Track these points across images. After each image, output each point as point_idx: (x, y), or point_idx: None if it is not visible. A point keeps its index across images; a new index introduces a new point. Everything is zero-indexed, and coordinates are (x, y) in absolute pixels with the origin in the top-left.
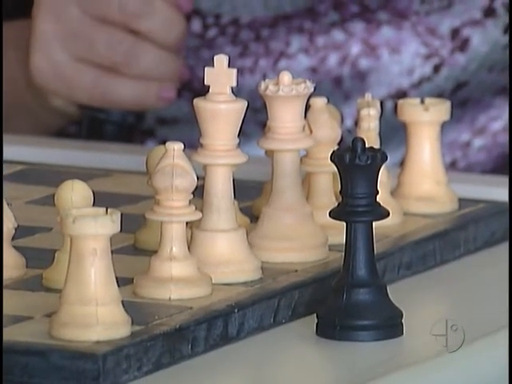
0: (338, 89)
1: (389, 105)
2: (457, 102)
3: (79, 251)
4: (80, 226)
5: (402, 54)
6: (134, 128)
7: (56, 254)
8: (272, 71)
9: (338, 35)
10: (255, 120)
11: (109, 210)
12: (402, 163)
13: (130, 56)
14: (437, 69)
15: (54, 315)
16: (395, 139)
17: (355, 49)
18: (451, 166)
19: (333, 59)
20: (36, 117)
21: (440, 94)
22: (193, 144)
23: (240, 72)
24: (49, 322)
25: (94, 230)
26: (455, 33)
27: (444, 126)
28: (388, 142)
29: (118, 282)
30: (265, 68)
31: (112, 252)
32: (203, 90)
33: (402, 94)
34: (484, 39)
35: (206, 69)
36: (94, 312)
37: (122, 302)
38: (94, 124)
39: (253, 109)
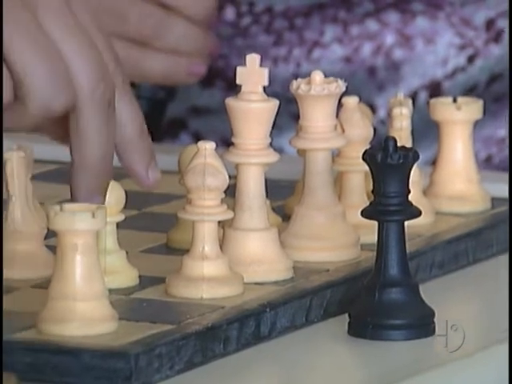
0: (372, 79)
1: (422, 96)
2: (492, 96)
3: (61, 246)
4: (59, 220)
5: (436, 45)
6: (164, 104)
7: None
8: (306, 60)
9: (372, 25)
10: (288, 111)
11: (97, 207)
12: (434, 162)
13: (159, 29)
14: (471, 59)
15: (40, 310)
16: (429, 135)
17: (389, 39)
18: (486, 162)
19: (367, 49)
20: None
21: (474, 86)
22: (225, 136)
23: (274, 61)
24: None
25: (72, 225)
26: (490, 24)
27: (480, 122)
28: (421, 139)
29: (150, 281)
30: (299, 57)
31: (143, 251)
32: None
33: (435, 85)
34: None
35: (237, 68)
36: (72, 307)
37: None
38: None
39: (286, 98)
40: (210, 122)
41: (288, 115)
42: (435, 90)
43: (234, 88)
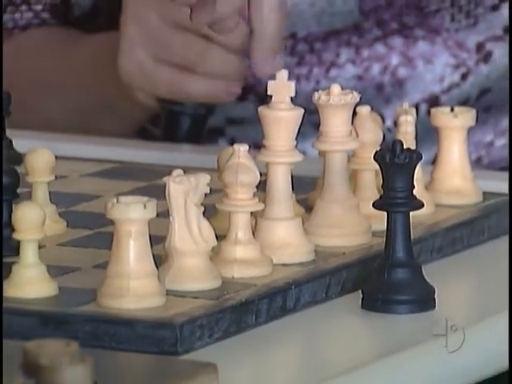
0: (380, 94)
1: (423, 107)
2: (482, 107)
3: (117, 232)
4: (115, 211)
5: (434, 65)
6: (205, 119)
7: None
8: (324, 78)
9: (380, 48)
10: (310, 121)
11: (147, 199)
12: (434, 161)
13: (201, 57)
14: (464, 77)
15: (99, 287)
16: (429, 139)
17: (395, 60)
18: (476, 162)
19: (376, 69)
20: (121, 112)
21: (467, 99)
22: (257, 141)
23: (297, 79)
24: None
25: (127, 215)
26: (480, 47)
27: (471, 129)
28: (422, 142)
29: None
30: (318, 76)
31: None
32: (267, 93)
33: (434, 99)
34: (504, 52)
35: (268, 82)
36: (126, 285)
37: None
38: (172, 116)
39: (308, 110)
40: (243, 130)
41: (310, 124)
42: (434, 102)
43: (264, 101)
